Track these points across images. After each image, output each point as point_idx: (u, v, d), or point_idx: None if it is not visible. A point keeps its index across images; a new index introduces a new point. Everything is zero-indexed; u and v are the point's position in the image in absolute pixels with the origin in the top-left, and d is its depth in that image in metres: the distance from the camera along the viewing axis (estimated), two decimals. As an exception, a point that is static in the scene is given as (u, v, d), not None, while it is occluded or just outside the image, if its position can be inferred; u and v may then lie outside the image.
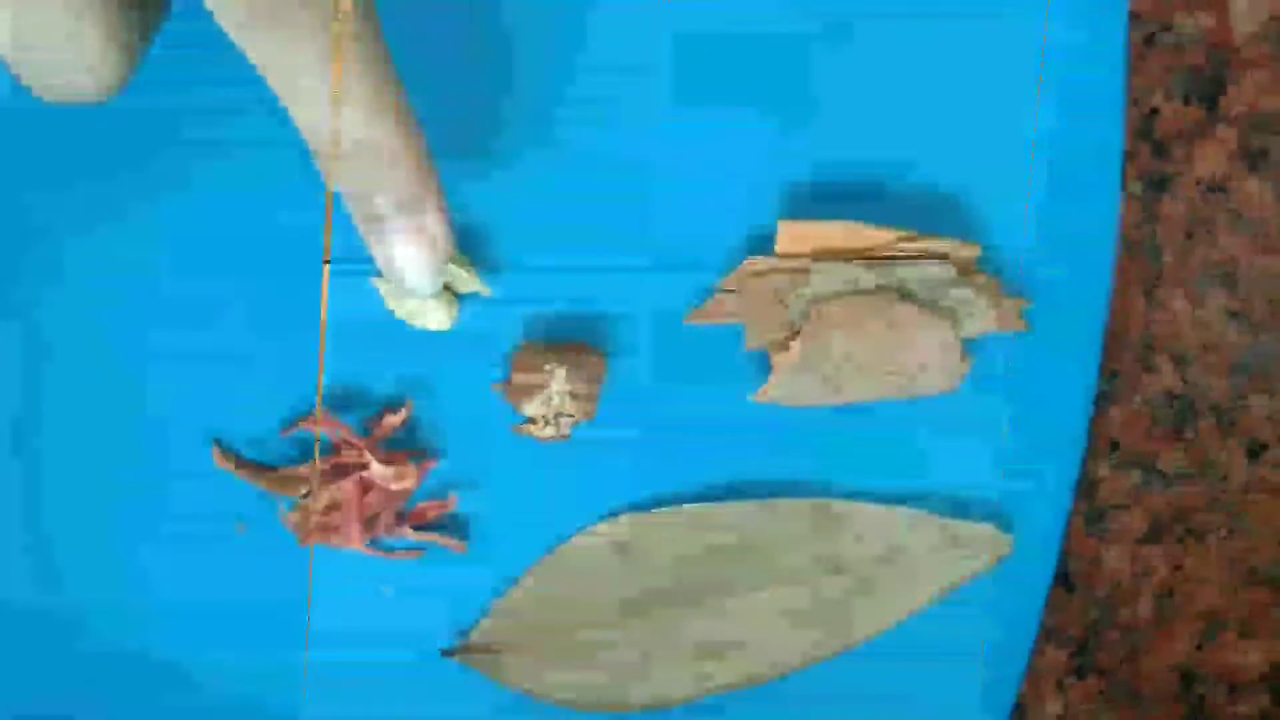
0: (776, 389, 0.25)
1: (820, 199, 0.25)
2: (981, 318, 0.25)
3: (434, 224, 0.21)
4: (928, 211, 0.25)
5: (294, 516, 0.25)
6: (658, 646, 0.26)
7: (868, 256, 0.25)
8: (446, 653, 0.26)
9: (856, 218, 0.25)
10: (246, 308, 0.25)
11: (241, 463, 0.25)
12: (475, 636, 0.26)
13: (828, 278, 0.24)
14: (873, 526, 0.26)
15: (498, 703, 0.26)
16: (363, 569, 0.26)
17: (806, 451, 0.26)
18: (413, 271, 0.22)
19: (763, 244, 0.25)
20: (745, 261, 0.25)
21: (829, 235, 0.25)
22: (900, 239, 0.25)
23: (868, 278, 0.24)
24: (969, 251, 0.25)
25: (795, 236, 0.25)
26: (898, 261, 0.25)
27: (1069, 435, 0.25)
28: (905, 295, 0.24)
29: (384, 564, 0.26)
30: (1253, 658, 0.28)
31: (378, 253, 0.21)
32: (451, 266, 0.24)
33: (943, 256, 0.25)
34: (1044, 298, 0.26)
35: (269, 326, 0.25)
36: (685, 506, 0.26)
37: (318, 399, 0.25)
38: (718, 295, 0.25)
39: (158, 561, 0.25)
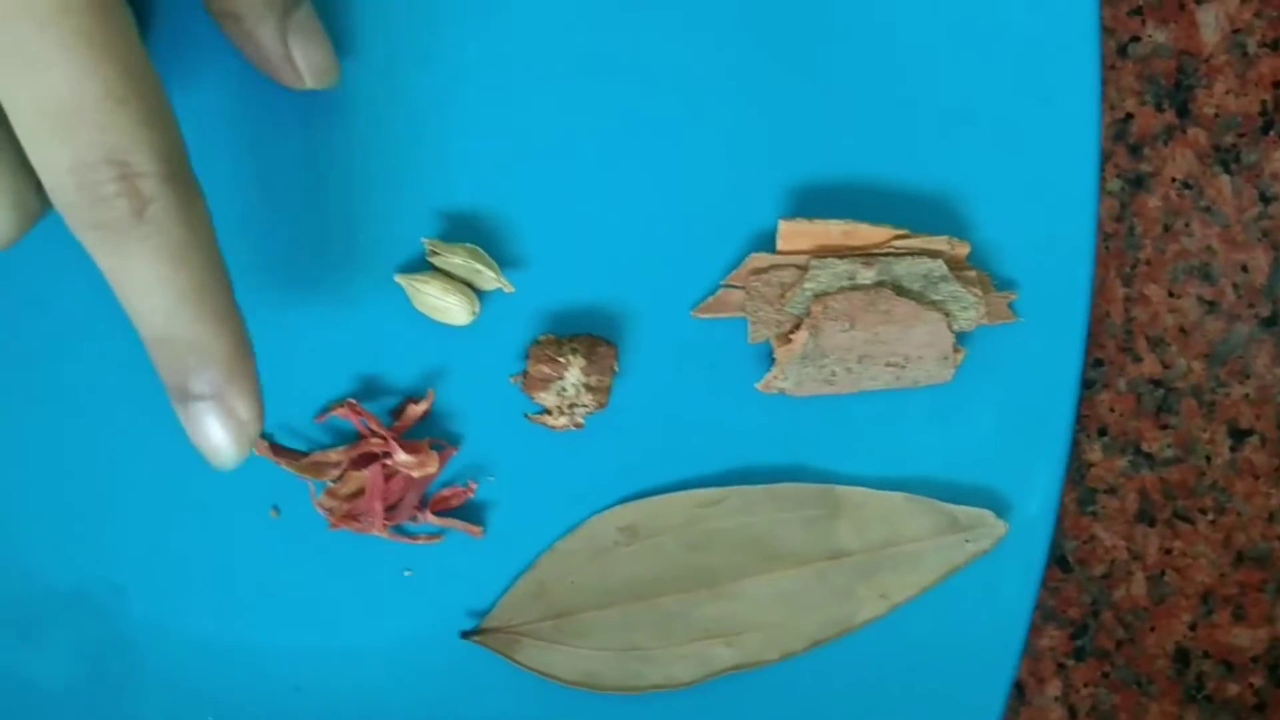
0: (780, 379, 0.27)
1: (819, 199, 0.27)
2: (973, 311, 0.27)
3: (243, 409, 0.22)
4: (920, 211, 0.27)
5: (325, 500, 0.27)
6: (665, 629, 0.27)
7: (865, 253, 0.27)
8: (465, 635, 0.27)
9: (853, 217, 0.27)
10: (284, 302, 0.27)
11: (277, 448, 0.27)
12: (492, 619, 0.27)
13: (827, 273, 0.26)
14: (874, 511, 0.27)
15: (513, 683, 0.27)
16: (385, 554, 0.27)
17: (809, 440, 0.28)
18: (219, 451, 0.22)
19: (765, 242, 0.27)
20: (749, 258, 0.27)
21: (827, 233, 0.26)
22: (895, 236, 0.27)
23: (865, 273, 0.26)
24: (960, 249, 0.27)
25: (796, 234, 0.27)
26: (893, 258, 0.26)
27: (1058, 419, 0.27)
28: (901, 290, 0.26)
29: (405, 549, 0.27)
30: (1246, 638, 0.29)
31: (189, 428, 0.22)
32: (476, 265, 0.26)
33: (935, 253, 0.27)
34: (1030, 290, 0.27)
35: (305, 320, 0.27)
36: (692, 492, 0.27)
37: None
38: (723, 290, 0.27)
39: (195, 542, 0.27)
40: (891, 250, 0.27)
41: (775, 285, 0.27)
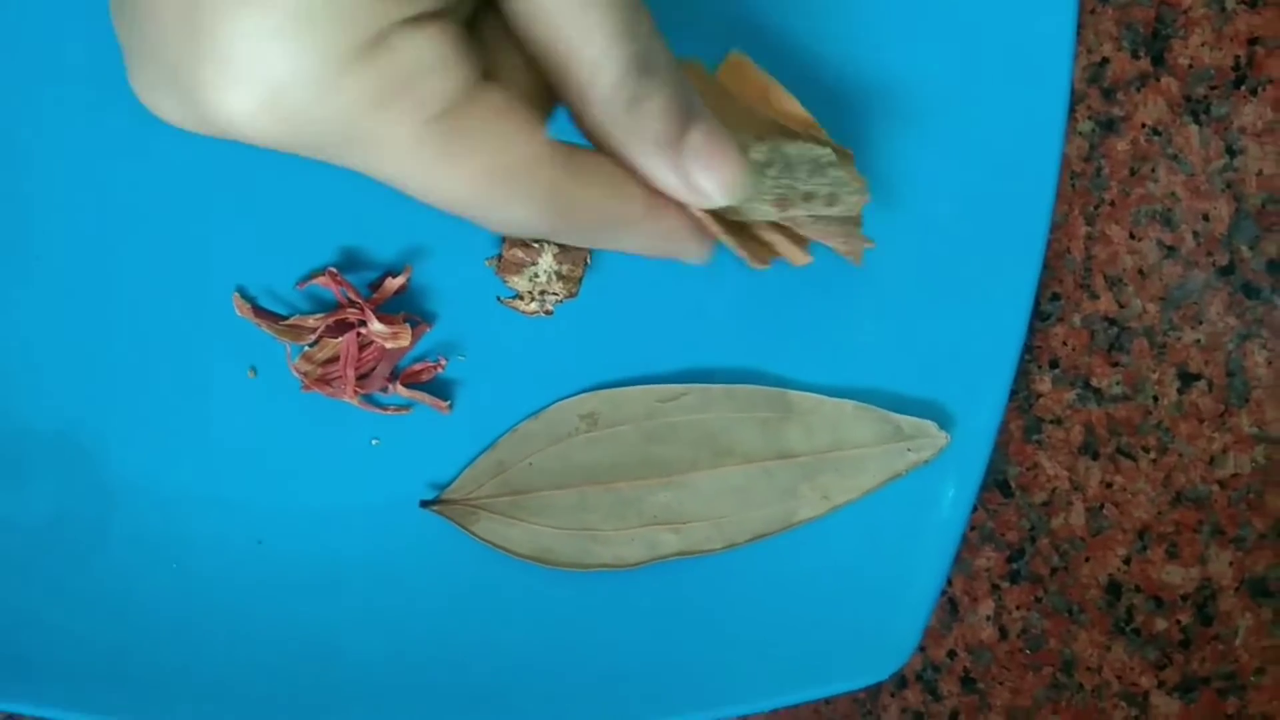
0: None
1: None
2: (857, 196, 0.26)
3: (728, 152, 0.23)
4: (889, 125, 0.29)
5: (300, 364, 0.29)
6: (617, 513, 0.29)
7: (781, 120, 0.27)
8: (425, 504, 0.29)
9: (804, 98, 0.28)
10: (273, 170, 0.29)
11: (258, 310, 0.29)
12: (451, 491, 0.29)
13: None
14: (824, 416, 0.29)
15: (468, 553, 0.29)
16: (355, 421, 0.29)
17: (768, 345, 0.30)
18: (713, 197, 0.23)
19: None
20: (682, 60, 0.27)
21: (764, 87, 0.27)
22: (811, 126, 0.27)
23: (758, 149, 0.26)
24: (857, 179, 0.27)
25: (739, 70, 0.27)
26: (785, 139, 0.27)
27: (1008, 339, 0.29)
28: (789, 167, 0.26)
29: (374, 418, 0.29)
30: (1178, 576, 0.31)
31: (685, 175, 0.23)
32: None
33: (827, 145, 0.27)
34: (992, 217, 0.29)
35: (293, 191, 0.29)
36: (653, 386, 0.30)
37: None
38: None
39: (175, 396, 0.29)
40: (784, 132, 0.27)
41: None
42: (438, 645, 0.30)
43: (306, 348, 0.29)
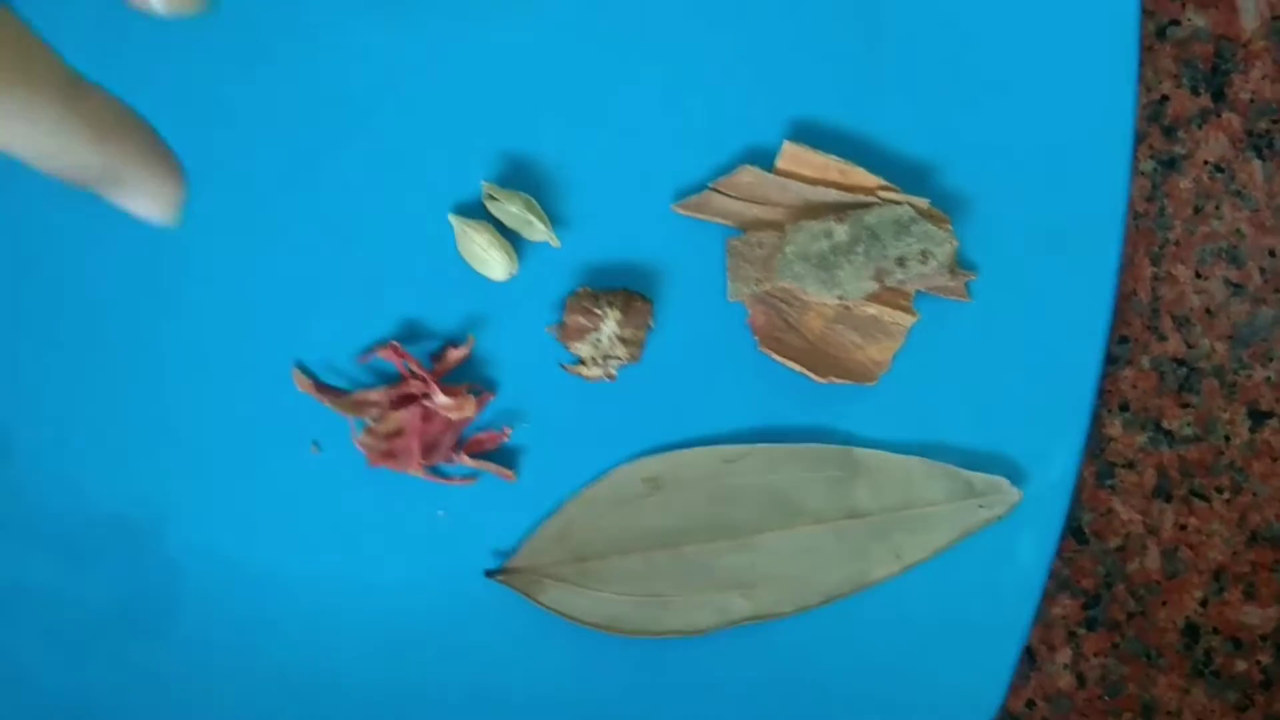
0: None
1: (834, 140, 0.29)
2: (948, 245, 0.28)
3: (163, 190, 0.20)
4: (953, 180, 0.29)
5: (365, 438, 0.29)
6: (685, 578, 0.29)
7: (850, 192, 0.28)
8: (491, 574, 0.29)
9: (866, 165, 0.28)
10: (336, 239, 0.29)
11: (319, 386, 0.29)
12: (517, 560, 0.29)
13: (803, 235, 0.28)
14: (892, 474, 0.29)
15: (535, 623, 0.29)
16: (421, 492, 0.29)
17: (832, 400, 0.29)
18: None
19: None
20: (739, 169, 0.29)
21: (825, 166, 0.28)
22: (882, 187, 0.28)
23: (839, 229, 0.28)
24: (942, 223, 0.28)
25: (796, 158, 0.28)
26: (863, 209, 0.28)
27: (1081, 391, 0.29)
28: (875, 238, 0.28)
29: (440, 488, 0.29)
30: (1256, 616, 0.31)
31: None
32: (529, 215, 0.28)
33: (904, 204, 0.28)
34: (1059, 264, 0.29)
35: (353, 261, 0.29)
36: (717, 447, 0.29)
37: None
38: (709, 192, 0.29)
39: (238, 473, 0.29)
40: (860, 201, 0.28)
41: (755, 246, 0.28)
42: (508, 715, 0.30)
43: (370, 421, 0.29)
